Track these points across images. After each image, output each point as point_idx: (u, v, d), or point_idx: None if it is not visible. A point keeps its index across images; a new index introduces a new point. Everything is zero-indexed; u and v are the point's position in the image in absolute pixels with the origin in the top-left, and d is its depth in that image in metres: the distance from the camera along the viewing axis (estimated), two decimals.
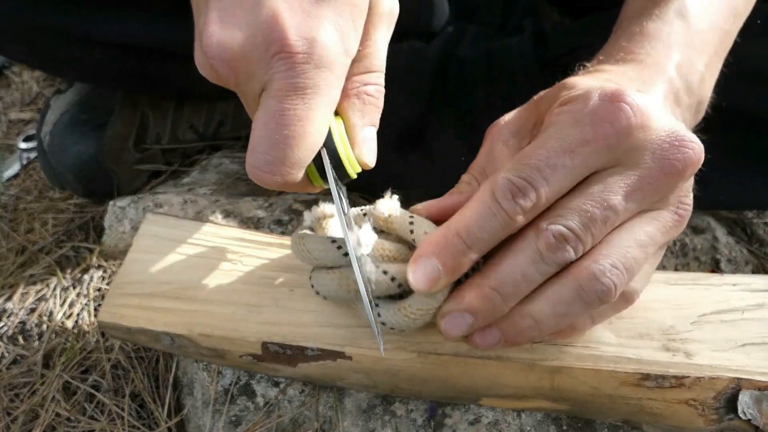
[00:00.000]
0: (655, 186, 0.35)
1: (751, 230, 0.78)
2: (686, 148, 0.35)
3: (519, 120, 0.43)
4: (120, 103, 0.85)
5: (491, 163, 0.42)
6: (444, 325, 0.38)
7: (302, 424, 0.52)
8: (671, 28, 0.45)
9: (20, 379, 0.65)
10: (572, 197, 0.35)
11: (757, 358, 0.41)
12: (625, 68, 0.43)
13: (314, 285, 0.43)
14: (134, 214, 0.77)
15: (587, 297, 0.35)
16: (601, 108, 0.35)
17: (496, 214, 0.35)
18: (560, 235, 0.34)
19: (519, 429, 0.50)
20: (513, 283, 0.35)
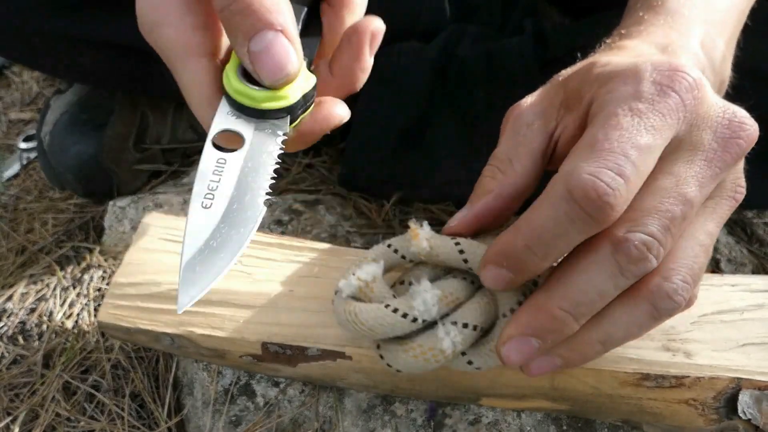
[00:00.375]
0: (721, 168, 0.32)
1: (751, 230, 0.78)
2: (746, 125, 0.33)
3: (543, 101, 0.39)
4: (120, 103, 0.85)
5: (516, 148, 0.37)
6: (506, 351, 0.34)
7: (302, 424, 0.52)
8: (692, 2, 0.43)
9: (20, 379, 0.65)
10: (645, 196, 0.31)
11: (757, 358, 0.41)
12: (649, 46, 0.40)
13: (389, 362, 0.38)
14: (134, 214, 0.77)
15: (659, 316, 0.33)
16: (664, 78, 0.32)
17: (575, 219, 0.30)
18: (643, 245, 0.30)
19: (519, 429, 0.50)
20: (588, 303, 0.32)
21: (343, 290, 0.39)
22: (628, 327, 0.34)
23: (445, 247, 0.38)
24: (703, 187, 0.32)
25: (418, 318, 0.36)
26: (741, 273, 0.67)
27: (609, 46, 0.42)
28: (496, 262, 0.34)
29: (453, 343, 0.35)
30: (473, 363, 0.37)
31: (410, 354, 0.36)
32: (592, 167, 0.30)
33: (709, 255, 0.34)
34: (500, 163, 0.37)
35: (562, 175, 0.31)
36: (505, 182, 0.36)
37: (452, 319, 0.36)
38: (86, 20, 0.69)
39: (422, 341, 0.36)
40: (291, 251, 0.50)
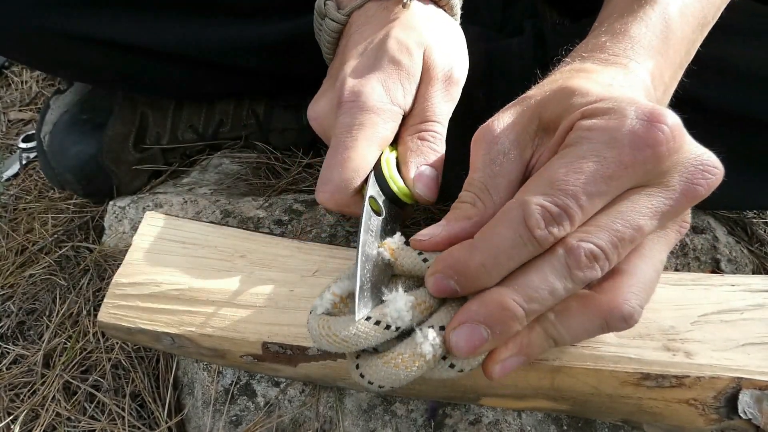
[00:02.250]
0: (678, 208, 0.35)
1: (751, 230, 0.78)
2: (710, 174, 0.34)
3: (516, 126, 0.40)
4: (120, 103, 0.85)
5: (495, 178, 0.39)
6: (455, 338, 0.35)
7: (302, 424, 0.53)
8: (653, 33, 0.44)
9: (20, 379, 0.65)
10: (602, 214, 0.34)
11: (757, 358, 0.41)
12: (612, 72, 0.41)
13: (370, 378, 0.37)
14: (134, 214, 0.77)
15: (608, 330, 0.35)
16: (641, 129, 0.33)
17: (527, 243, 0.33)
18: (591, 254, 0.33)
19: (519, 429, 0.50)
20: (540, 299, 0.33)
21: (317, 307, 0.39)
22: (578, 334, 0.36)
23: (410, 257, 0.39)
24: (655, 220, 0.34)
25: (392, 325, 0.36)
26: (741, 273, 0.67)
27: (574, 69, 0.43)
28: (446, 274, 0.35)
29: (432, 347, 0.35)
30: (455, 366, 0.37)
31: (391, 365, 0.36)
32: (546, 202, 0.33)
33: (658, 280, 0.37)
34: (479, 191, 0.39)
35: (520, 202, 0.34)
36: (484, 212, 0.38)
37: (429, 324, 0.36)
38: (85, 18, 0.69)
39: (401, 350, 0.36)
40: (291, 251, 0.50)
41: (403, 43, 0.47)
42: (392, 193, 0.45)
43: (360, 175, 0.44)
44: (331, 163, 0.45)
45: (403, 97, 0.47)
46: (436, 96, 0.48)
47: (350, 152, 0.44)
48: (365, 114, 0.45)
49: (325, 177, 0.45)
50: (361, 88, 0.45)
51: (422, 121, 0.48)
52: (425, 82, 0.48)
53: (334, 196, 0.45)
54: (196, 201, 0.75)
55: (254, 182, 0.86)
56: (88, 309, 0.71)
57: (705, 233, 0.70)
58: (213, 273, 0.48)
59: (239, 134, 0.92)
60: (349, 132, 0.45)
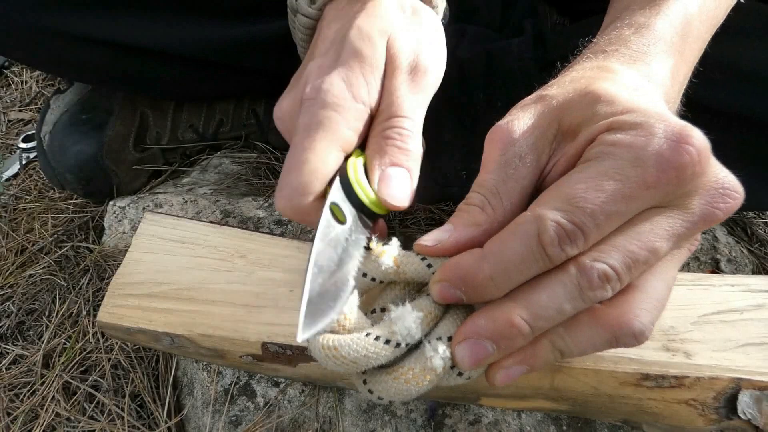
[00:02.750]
0: (695, 231, 0.34)
1: (751, 230, 0.78)
2: (730, 199, 0.34)
3: (535, 130, 0.37)
4: (120, 103, 0.85)
5: (507, 182, 0.37)
6: (460, 351, 0.34)
7: (302, 424, 0.53)
8: (674, 29, 0.43)
9: (20, 379, 0.65)
10: (618, 234, 0.33)
11: (756, 359, 0.41)
12: (635, 73, 0.40)
13: (380, 395, 0.36)
14: (134, 214, 0.77)
15: (616, 346, 0.35)
16: (668, 150, 0.32)
17: (539, 259, 0.32)
18: (604, 275, 0.32)
19: (519, 429, 0.50)
20: (547, 317, 0.33)
21: None
22: (585, 347, 0.35)
23: (413, 264, 0.38)
24: (672, 242, 0.33)
25: (402, 343, 0.35)
26: (741, 273, 0.67)
27: (598, 68, 0.41)
28: (453, 283, 0.34)
29: (443, 360, 0.34)
30: (464, 374, 0.36)
31: (401, 380, 0.35)
32: (563, 219, 0.32)
33: (669, 297, 0.36)
34: (490, 195, 0.37)
35: (535, 216, 0.33)
36: (494, 219, 0.36)
37: (436, 335, 0.35)
38: (85, 18, 0.69)
39: (411, 364, 0.35)
40: (291, 251, 0.50)
41: (364, 31, 0.44)
42: (359, 201, 0.40)
43: (318, 179, 0.40)
44: (289, 166, 0.41)
45: (367, 93, 0.43)
46: (401, 88, 0.44)
47: (308, 153, 0.40)
48: (324, 111, 0.41)
49: (282, 182, 0.41)
50: (322, 84, 0.42)
51: (387, 118, 0.43)
52: (389, 74, 0.44)
53: (291, 201, 0.40)
54: (196, 201, 0.75)
55: (254, 182, 0.86)
56: (87, 309, 0.71)
57: (705, 233, 0.70)
58: (213, 273, 0.48)
59: (239, 134, 0.92)
60: (307, 132, 0.41)
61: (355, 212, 0.40)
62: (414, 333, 0.35)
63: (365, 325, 0.37)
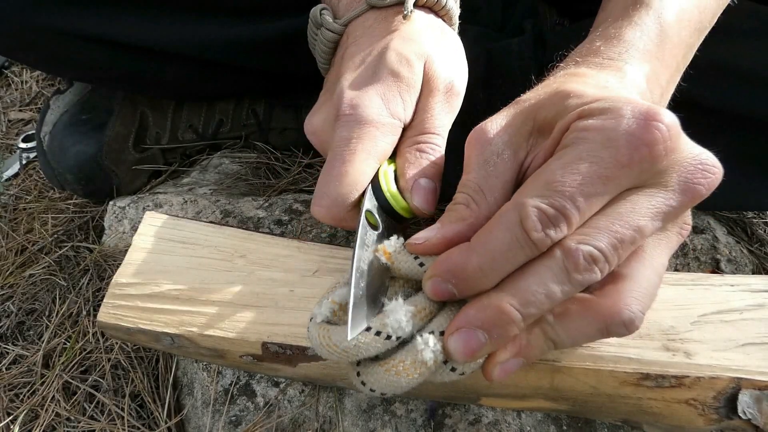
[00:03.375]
0: (678, 208, 0.34)
1: (751, 230, 0.78)
2: (710, 173, 0.34)
3: (510, 127, 0.39)
4: (120, 103, 0.85)
5: (488, 179, 0.38)
6: (452, 343, 0.35)
7: (302, 424, 0.53)
8: (648, 37, 0.44)
9: (20, 379, 0.65)
10: (600, 216, 0.34)
11: (756, 358, 0.41)
12: (606, 75, 0.41)
13: (372, 386, 0.37)
14: (134, 214, 0.77)
15: (608, 335, 0.35)
16: (638, 129, 0.33)
17: (524, 246, 0.33)
18: (590, 256, 0.32)
19: (519, 429, 0.50)
20: (536, 303, 0.33)
21: (317, 315, 0.39)
22: (577, 337, 0.36)
23: (406, 262, 0.38)
24: (656, 221, 0.34)
25: (392, 335, 0.35)
26: (741, 273, 0.67)
27: (569, 74, 0.42)
28: (443, 277, 0.35)
29: (434, 353, 0.35)
30: (457, 369, 0.37)
31: (392, 372, 0.36)
32: (543, 204, 0.33)
33: (660, 284, 0.36)
34: (473, 192, 0.38)
35: (516, 204, 0.34)
36: (479, 214, 0.37)
37: (429, 330, 0.36)
38: (85, 18, 0.69)
39: (402, 356, 0.36)
40: (291, 251, 0.50)
41: (402, 54, 0.47)
42: (390, 207, 0.44)
43: (357, 190, 0.44)
44: (328, 177, 0.44)
45: (402, 110, 0.46)
46: (437, 108, 0.48)
47: (347, 166, 0.43)
48: (363, 127, 0.44)
49: (321, 191, 0.44)
50: (359, 101, 0.45)
51: (421, 133, 0.47)
52: (426, 94, 0.47)
53: (331, 210, 0.44)
54: (196, 201, 0.75)
55: (254, 182, 0.86)
56: (87, 309, 0.71)
57: (705, 233, 0.70)
58: (213, 273, 0.48)
59: (239, 134, 0.92)
60: (347, 145, 0.44)
61: (385, 216, 0.44)
62: (405, 326, 0.35)
63: None
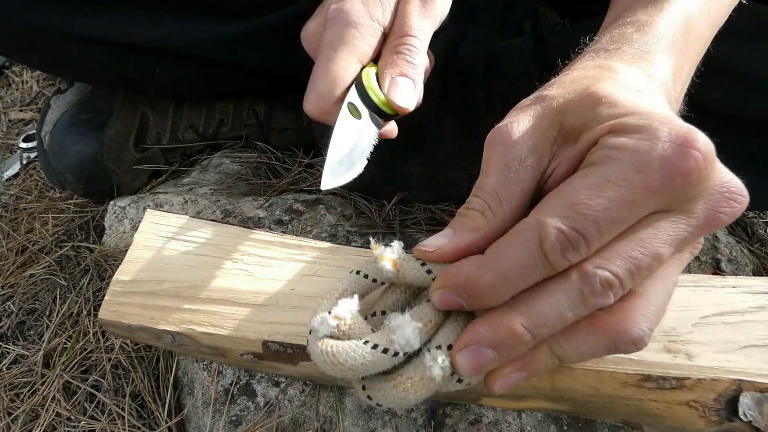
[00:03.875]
0: (698, 235, 0.34)
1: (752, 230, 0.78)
2: (736, 202, 0.33)
3: (536, 132, 0.37)
4: (120, 103, 0.85)
5: (508, 186, 0.36)
6: (460, 359, 0.34)
7: (302, 423, 0.53)
8: (676, 28, 0.43)
9: (20, 379, 0.65)
10: (621, 240, 0.32)
11: (758, 360, 0.41)
12: (637, 73, 0.39)
13: (378, 401, 0.36)
14: (134, 214, 0.77)
15: (615, 352, 0.34)
16: (673, 155, 0.31)
17: (540, 266, 0.32)
18: (607, 282, 0.31)
19: (519, 429, 0.50)
20: (549, 325, 0.32)
21: (318, 330, 0.37)
22: (584, 354, 0.35)
23: (413, 269, 0.37)
24: (675, 247, 0.33)
25: (400, 352, 0.35)
26: (742, 272, 0.67)
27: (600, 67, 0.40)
28: (454, 290, 0.34)
29: (442, 369, 0.34)
30: (463, 381, 0.36)
31: (400, 389, 0.35)
32: (564, 226, 0.31)
33: (669, 301, 0.36)
34: (490, 199, 0.36)
35: (537, 223, 0.32)
36: (495, 224, 0.36)
37: (436, 343, 0.35)
38: (84, 17, 0.69)
39: (410, 373, 0.35)
40: (292, 250, 0.50)
41: None
42: (372, 103, 0.48)
43: (340, 85, 0.47)
44: (315, 75, 0.48)
45: (382, 14, 0.49)
46: (413, 12, 0.50)
47: (330, 64, 0.47)
48: (346, 29, 0.48)
49: (310, 87, 0.48)
50: (343, 5, 0.49)
51: (399, 37, 0.50)
52: (403, 0, 0.50)
53: (317, 103, 0.47)
54: (196, 201, 0.75)
55: (254, 182, 0.86)
56: (88, 309, 0.71)
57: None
58: (214, 271, 0.48)
59: (239, 134, 0.92)
60: (331, 46, 0.48)
61: (368, 111, 0.48)
62: (413, 343, 0.35)
63: (364, 329, 0.37)
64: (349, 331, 0.37)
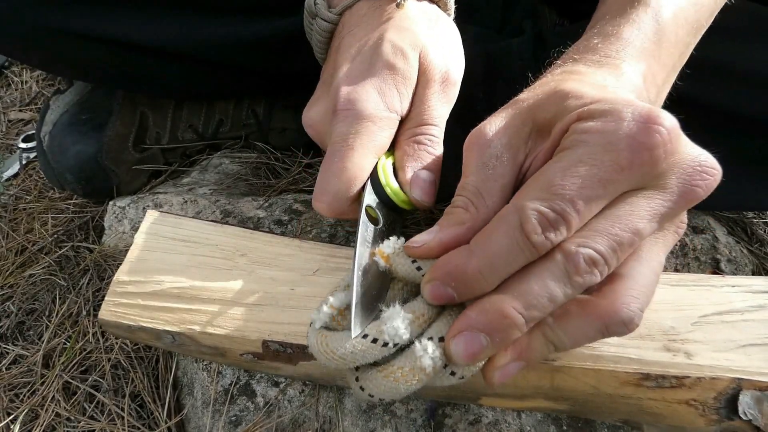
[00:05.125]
0: (676, 210, 0.35)
1: (751, 230, 0.78)
2: (708, 175, 0.34)
3: (509, 129, 0.39)
4: (119, 103, 0.85)
5: (487, 182, 0.38)
6: (454, 346, 0.34)
7: (302, 424, 0.53)
8: (645, 36, 0.44)
9: (20, 379, 0.65)
10: (599, 218, 0.34)
11: (757, 359, 0.41)
12: (604, 74, 0.41)
13: (370, 391, 0.37)
14: (134, 214, 0.77)
15: (608, 335, 0.35)
16: (638, 132, 0.33)
17: (524, 249, 0.33)
18: (590, 259, 0.32)
19: (519, 429, 0.50)
20: (539, 306, 0.33)
21: (315, 321, 0.38)
22: (577, 338, 0.35)
23: (404, 265, 0.38)
24: (654, 223, 0.34)
25: (389, 342, 0.35)
26: (741, 273, 0.67)
27: (566, 72, 0.42)
28: (443, 281, 0.35)
29: (432, 359, 0.35)
30: (456, 373, 0.37)
31: (390, 378, 0.35)
32: (543, 207, 0.33)
33: (657, 282, 0.36)
34: (472, 195, 0.38)
35: (517, 207, 0.34)
36: (478, 217, 0.37)
37: (428, 336, 0.36)
38: (84, 16, 0.69)
39: (401, 363, 0.36)
40: (292, 250, 0.50)
41: (397, 46, 0.47)
42: (389, 200, 0.45)
43: (357, 184, 0.44)
44: (328, 172, 0.44)
45: (399, 103, 0.46)
46: (433, 98, 0.48)
47: (346, 162, 0.44)
48: (361, 122, 0.44)
49: (322, 187, 0.45)
50: (356, 95, 0.45)
51: (419, 125, 0.47)
52: (422, 85, 0.48)
53: (332, 205, 0.45)
54: (196, 201, 0.75)
55: (254, 182, 0.86)
56: (87, 309, 0.71)
57: (705, 233, 0.70)
58: (214, 271, 0.48)
59: (239, 134, 0.92)
60: (345, 141, 0.44)
61: (386, 211, 0.45)
62: (402, 333, 0.35)
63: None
64: (344, 321, 0.38)
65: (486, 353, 0.34)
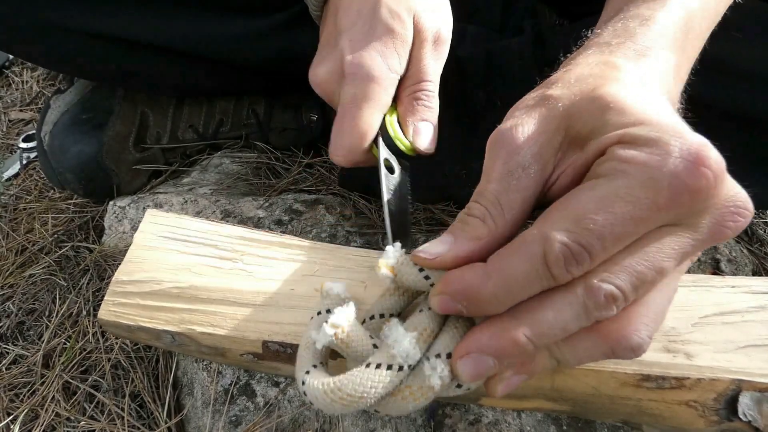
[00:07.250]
0: (702, 248, 0.33)
1: (752, 230, 0.78)
2: (741, 216, 0.33)
3: (541, 137, 0.36)
4: (120, 102, 0.85)
5: (510, 193, 0.35)
6: (461, 366, 0.34)
7: (302, 424, 0.53)
8: (677, 25, 0.43)
9: (20, 379, 0.65)
10: (625, 253, 0.32)
11: (757, 360, 0.41)
12: (643, 70, 0.39)
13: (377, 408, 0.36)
14: (134, 214, 0.77)
15: (614, 356, 0.34)
16: (684, 172, 0.30)
17: (543, 278, 0.32)
18: (611, 295, 0.31)
19: (519, 429, 0.50)
20: (551, 335, 0.32)
21: (317, 340, 0.36)
22: (582, 358, 0.35)
23: (411, 274, 0.37)
24: (679, 260, 0.33)
25: (404, 365, 0.35)
26: (741, 273, 0.67)
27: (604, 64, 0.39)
28: (454, 297, 0.34)
29: (440, 378, 0.34)
30: (462, 386, 0.36)
31: (399, 397, 0.35)
32: (570, 241, 0.31)
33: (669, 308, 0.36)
34: (491, 206, 0.36)
35: (541, 236, 0.32)
36: (495, 233, 0.35)
37: (435, 352, 0.35)
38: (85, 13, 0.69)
39: (410, 382, 0.35)
40: (292, 250, 0.50)
41: (394, 11, 0.51)
42: (400, 151, 0.51)
43: (368, 138, 0.50)
44: (342, 129, 0.50)
45: (398, 64, 0.51)
46: (428, 57, 0.52)
47: (357, 120, 0.49)
48: (368, 84, 0.49)
49: (338, 143, 0.50)
50: (362, 59, 0.50)
51: (417, 82, 0.52)
52: (417, 46, 0.52)
53: (347, 157, 0.50)
54: (196, 201, 0.75)
55: (254, 182, 0.86)
56: (87, 309, 0.71)
57: None
58: (214, 271, 0.48)
59: (239, 134, 0.92)
60: (355, 102, 0.49)
61: (397, 160, 0.51)
62: (413, 354, 0.34)
63: (363, 336, 0.37)
64: (348, 339, 0.36)
65: (492, 373, 0.34)
